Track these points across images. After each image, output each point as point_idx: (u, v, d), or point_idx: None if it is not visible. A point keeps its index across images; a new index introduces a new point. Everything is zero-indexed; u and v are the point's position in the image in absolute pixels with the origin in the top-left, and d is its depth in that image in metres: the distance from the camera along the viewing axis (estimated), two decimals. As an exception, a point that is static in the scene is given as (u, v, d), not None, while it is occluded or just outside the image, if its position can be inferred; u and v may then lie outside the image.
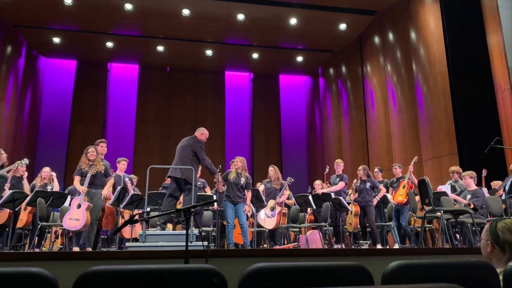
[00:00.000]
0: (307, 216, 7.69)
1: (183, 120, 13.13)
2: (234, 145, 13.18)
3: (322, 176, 12.04)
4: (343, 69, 12.26)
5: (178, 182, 5.42)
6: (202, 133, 5.81)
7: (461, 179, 6.46)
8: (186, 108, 13.28)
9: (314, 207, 7.05)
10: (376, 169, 7.62)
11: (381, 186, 6.82)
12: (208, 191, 7.33)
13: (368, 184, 6.78)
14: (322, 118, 12.98)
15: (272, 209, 6.69)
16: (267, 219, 6.67)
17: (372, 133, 10.77)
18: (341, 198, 6.57)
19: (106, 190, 5.53)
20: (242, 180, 6.05)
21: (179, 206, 7.21)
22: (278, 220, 6.70)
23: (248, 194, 6.06)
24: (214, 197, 6.70)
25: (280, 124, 13.93)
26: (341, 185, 6.94)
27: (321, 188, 7.95)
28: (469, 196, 6.04)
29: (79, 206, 5.28)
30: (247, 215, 6.04)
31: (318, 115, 13.37)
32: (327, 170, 7.36)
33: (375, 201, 6.70)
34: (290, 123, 13.98)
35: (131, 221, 2.48)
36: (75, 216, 5.22)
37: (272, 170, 7.02)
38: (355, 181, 7.26)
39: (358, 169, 7.00)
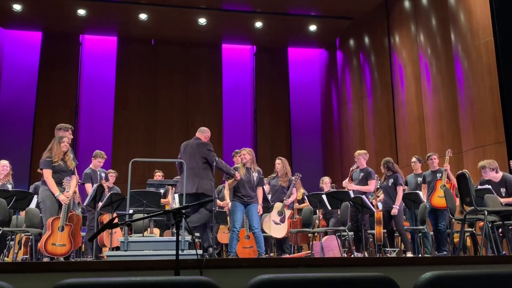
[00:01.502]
0: (316, 221, 7.68)
1: (172, 104, 13.13)
2: (234, 133, 13.19)
3: (341, 172, 12.00)
4: (366, 40, 12.17)
5: (196, 198, 5.54)
6: (206, 135, 5.99)
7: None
8: (175, 89, 13.26)
9: (329, 208, 7.05)
10: (414, 159, 7.54)
11: (399, 188, 6.68)
12: None
13: (390, 181, 6.76)
14: (341, 100, 12.94)
15: (280, 213, 6.66)
16: (275, 226, 6.65)
17: (401, 118, 10.74)
18: (363, 197, 6.57)
19: (72, 192, 5.53)
20: (255, 176, 6.08)
21: (168, 207, 7.26)
22: (289, 227, 6.69)
23: (259, 192, 6.11)
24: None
25: (289, 107, 13.89)
26: (372, 183, 6.89)
27: (330, 186, 7.93)
28: (503, 190, 6.01)
29: (62, 228, 5.33)
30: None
31: (335, 96, 13.32)
32: (355, 167, 7.25)
33: (394, 211, 6.57)
34: (302, 107, 13.94)
35: (110, 225, 2.49)
36: (60, 241, 5.32)
37: (280, 164, 7.01)
38: (377, 177, 7.24)
39: (382, 163, 6.97)
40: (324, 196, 7.01)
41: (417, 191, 7.10)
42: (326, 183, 8.03)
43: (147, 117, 12.97)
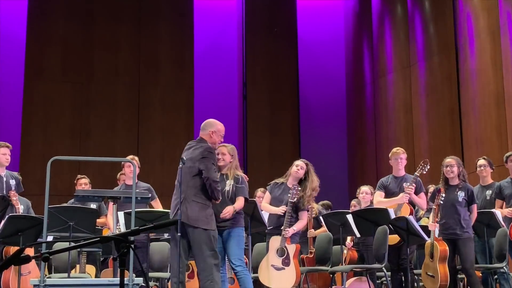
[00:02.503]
0: (345, 251, 7.67)
1: (115, 71, 13.08)
2: (211, 117, 13.10)
3: (376, 178, 11.96)
4: (417, -24, 12.16)
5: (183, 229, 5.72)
6: (213, 131, 6.00)
7: None
8: (121, 46, 13.23)
9: (358, 235, 7.06)
10: (482, 161, 7.52)
11: (475, 207, 6.71)
12: (158, 206, 7.35)
13: (461, 195, 6.73)
14: (377, 70, 12.91)
15: (281, 252, 6.63)
16: (276, 273, 6.54)
17: (470, 97, 10.72)
18: (411, 218, 6.54)
19: None
20: (228, 185, 6.11)
21: (107, 232, 7.23)
22: (298, 269, 6.63)
23: (239, 201, 6.10)
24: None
25: (297, 80, 13.86)
26: (424, 198, 6.96)
27: (370, 200, 7.90)
28: None
29: None
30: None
31: (368, 63, 13.31)
32: (427, 167, 7.15)
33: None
34: (317, 79, 13.91)
35: (17, 259, 2.47)
36: None
37: (303, 169, 6.82)
38: (431, 188, 7.20)
39: (446, 162, 6.90)
40: (349, 217, 6.98)
41: (493, 210, 7.08)
42: (364, 193, 8.01)
43: (76, 92, 12.89)
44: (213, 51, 13.66)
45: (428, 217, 7.32)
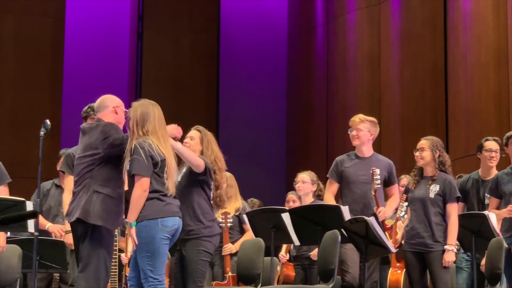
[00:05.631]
0: (278, 266, 7.83)
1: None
2: (89, 61, 12.96)
3: (327, 161, 12.14)
4: None
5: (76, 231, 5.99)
6: (117, 105, 6.20)
7: None
8: None
9: (297, 243, 7.25)
10: (491, 143, 7.65)
11: (453, 206, 6.97)
12: (4, 193, 7.22)
13: (435, 189, 6.96)
14: (332, 6, 12.98)
15: None
16: None
17: (461, 50, 10.89)
18: (372, 220, 6.64)
19: None
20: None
21: None
22: None
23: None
24: (30, 205, 6.63)
25: (218, 15, 13.95)
26: (397, 191, 7.24)
27: (314, 195, 8.11)
28: None
29: None
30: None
31: (320, -4, 13.35)
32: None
33: (448, 257, 6.87)
34: (246, 16, 14.05)
35: None
36: None
37: (197, 137, 6.93)
38: (404, 179, 7.59)
39: (418, 145, 7.13)
40: (285, 216, 7.06)
41: (485, 212, 7.19)
42: (299, 182, 8.14)
43: None
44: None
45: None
